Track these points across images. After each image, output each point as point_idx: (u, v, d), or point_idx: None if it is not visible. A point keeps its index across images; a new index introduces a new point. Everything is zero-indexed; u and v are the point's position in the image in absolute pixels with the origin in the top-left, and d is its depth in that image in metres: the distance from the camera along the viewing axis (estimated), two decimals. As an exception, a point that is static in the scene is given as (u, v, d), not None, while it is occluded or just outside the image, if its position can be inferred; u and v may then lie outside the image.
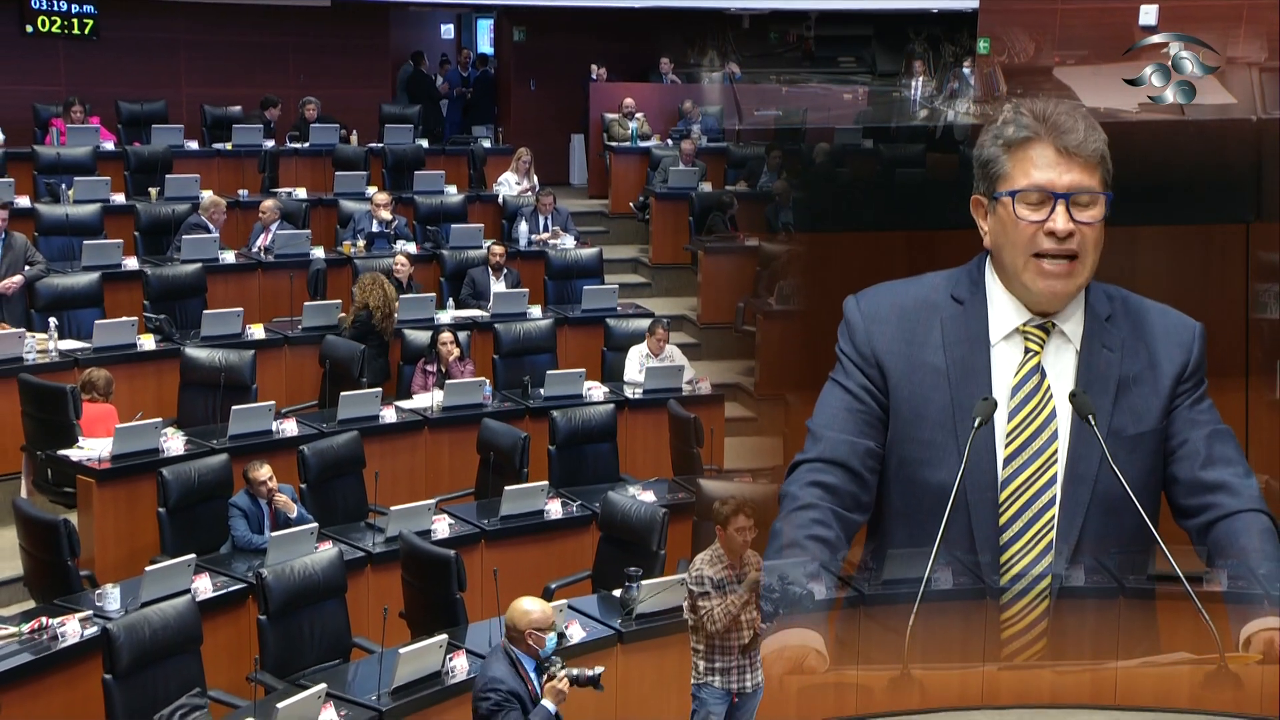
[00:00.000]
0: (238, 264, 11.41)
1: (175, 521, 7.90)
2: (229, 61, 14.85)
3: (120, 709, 6.10)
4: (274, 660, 6.79)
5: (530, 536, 8.43)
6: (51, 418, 8.64)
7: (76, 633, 6.59)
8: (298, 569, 7.04)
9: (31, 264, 10.27)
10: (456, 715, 6.57)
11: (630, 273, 13.89)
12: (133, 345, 9.78)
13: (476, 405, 9.76)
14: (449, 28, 18.49)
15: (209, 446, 8.60)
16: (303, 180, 13.32)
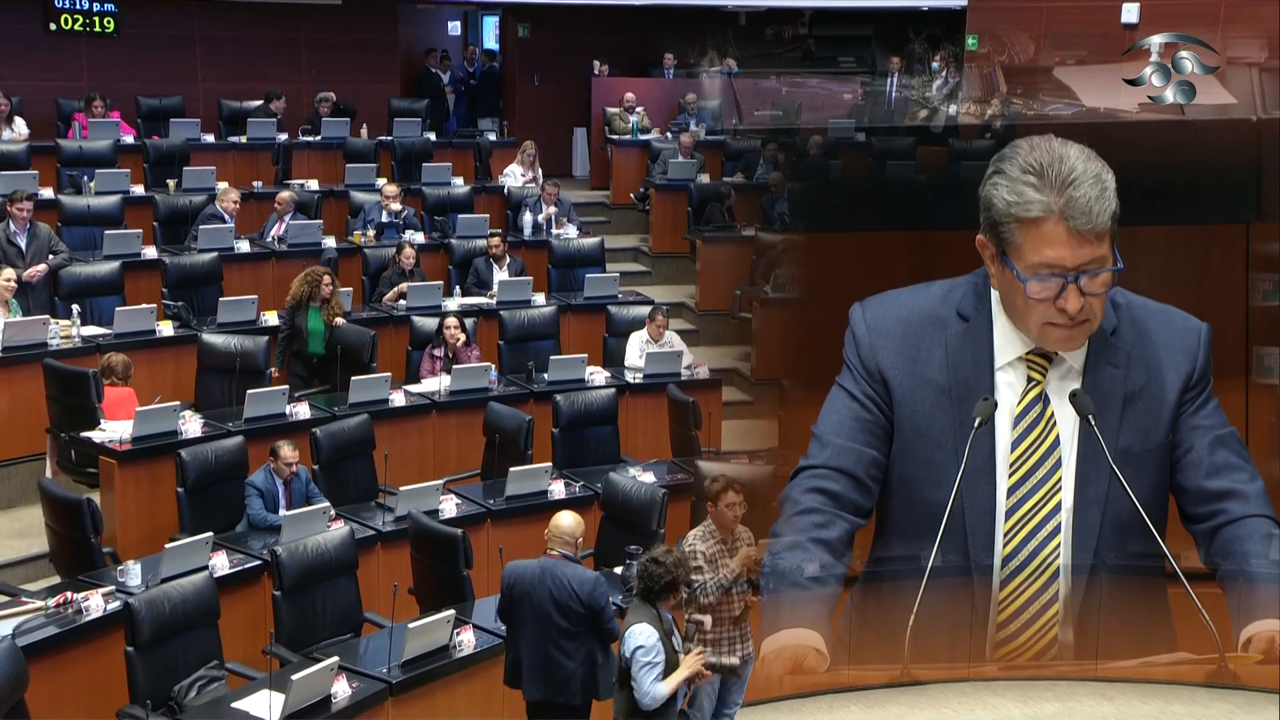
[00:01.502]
0: (252, 253, 11.42)
1: (193, 501, 7.92)
2: (243, 57, 14.84)
3: (142, 680, 6.13)
4: (288, 634, 6.82)
5: (534, 516, 8.35)
6: (75, 401, 8.65)
7: (100, 607, 6.61)
8: (311, 547, 7.07)
9: (55, 253, 10.29)
10: (464, 688, 6.63)
11: (631, 261, 13.89)
12: (152, 331, 9.80)
13: (482, 389, 9.78)
14: (456, 24, 18.46)
15: (225, 429, 8.62)
16: (315, 172, 13.31)
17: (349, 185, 12.95)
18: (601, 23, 16.24)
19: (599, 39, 16.22)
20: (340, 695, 6.04)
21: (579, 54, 16.02)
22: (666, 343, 10.68)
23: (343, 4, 14.83)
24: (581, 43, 16.11)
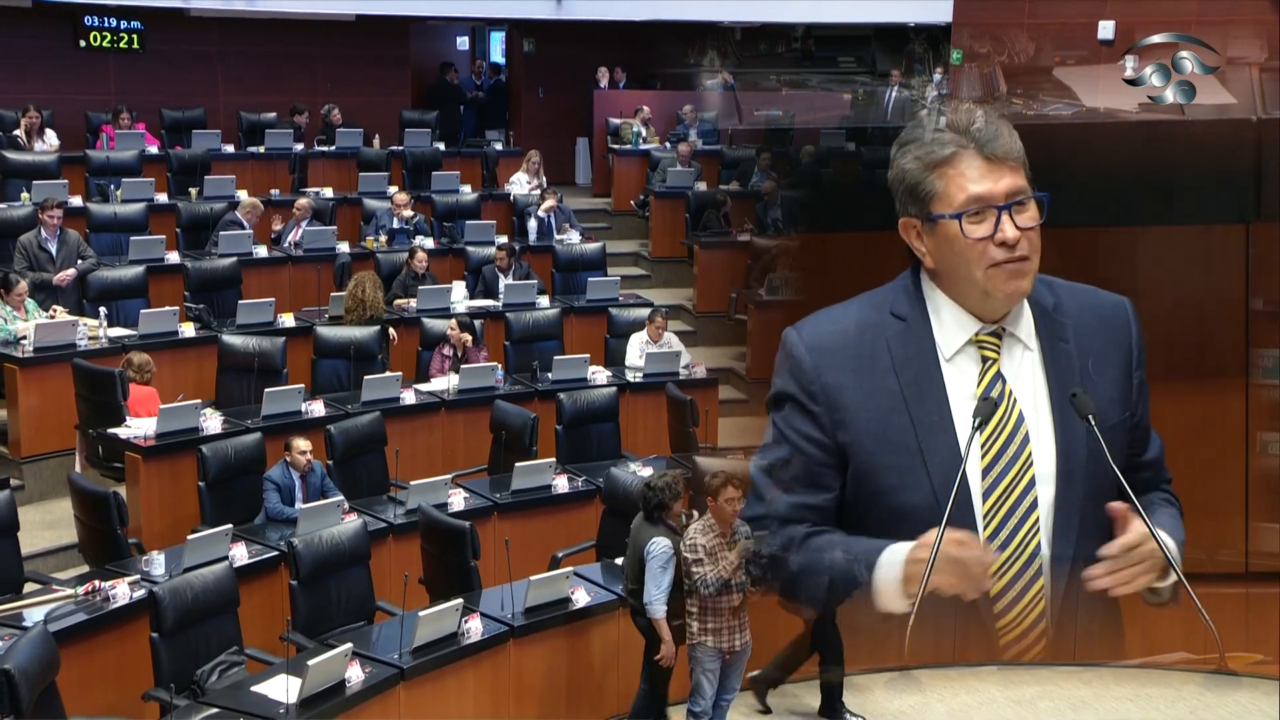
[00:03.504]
0: (270, 258, 11.45)
1: (214, 494, 7.93)
2: (262, 71, 14.86)
3: (166, 664, 6.14)
4: (304, 621, 6.83)
5: (539, 509, 8.45)
6: (102, 399, 8.67)
7: (126, 595, 6.64)
8: (325, 538, 7.08)
9: (83, 258, 10.32)
10: (472, 673, 6.63)
11: (631, 265, 13.90)
12: (174, 332, 9.81)
13: (489, 388, 9.79)
14: (464, 39, 18.47)
15: (244, 426, 8.63)
16: (329, 180, 13.34)
17: (362, 193, 12.97)
18: (602, 37, 16.24)
19: (599, 53, 16.22)
20: (354, 680, 6.05)
21: (581, 67, 16.03)
22: (665, 343, 10.69)
23: (356, 21, 14.84)
24: (583, 57, 16.11)
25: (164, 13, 13.98)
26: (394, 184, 13.32)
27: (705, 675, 6.49)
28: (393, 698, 6.24)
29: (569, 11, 15.42)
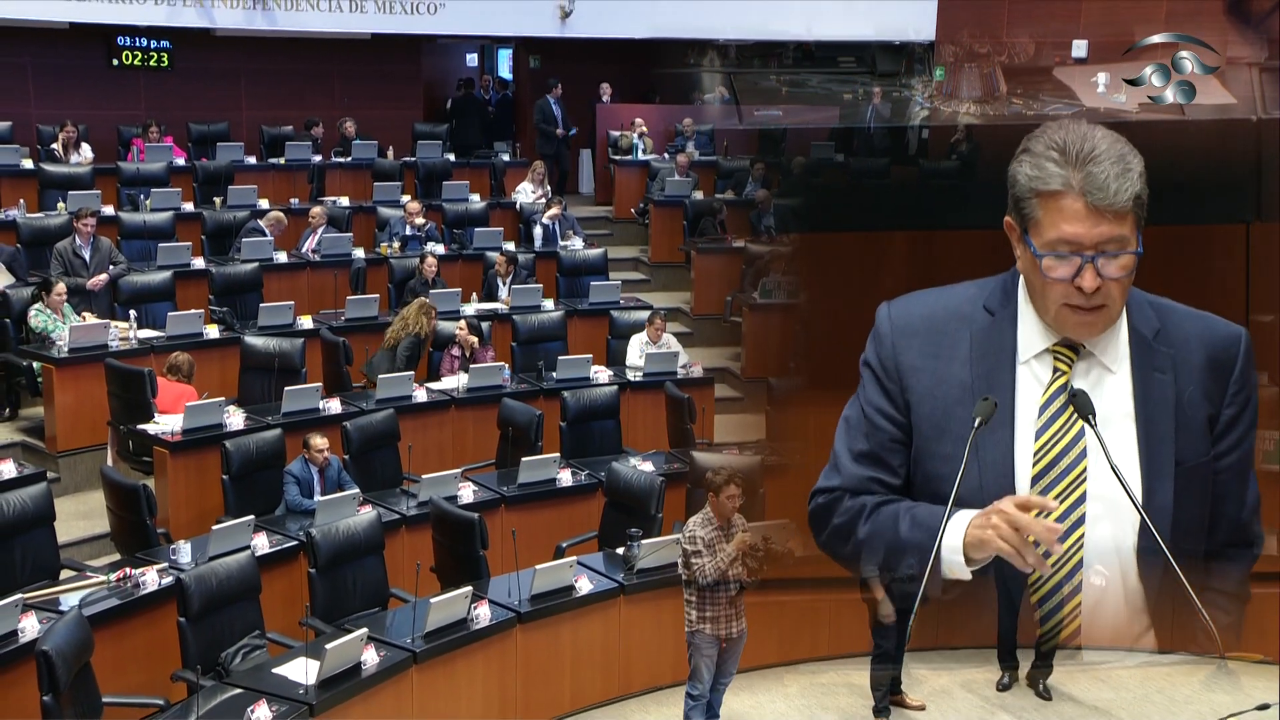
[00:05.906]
0: (289, 263, 11.47)
1: (237, 487, 7.95)
2: (283, 87, 14.87)
3: (192, 647, 6.18)
4: (322, 607, 6.86)
5: (544, 501, 8.46)
6: (132, 397, 8.69)
7: (155, 582, 6.68)
8: (342, 529, 7.11)
9: (115, 264, 10.35)
10: (481, 656, 6.66)
11: (631, 270, 13.89)
12: (199, 334, 9.85)
13: (497, 387, 9.80)
14: (473, 56, 18.48)
15: (265, 422, 8.66)
16: (345, 190, 13.35)
17: (376, 202, 13.00)
18: (604, 54, 16.25)
19: (601, 68, 16.22)
20: (369, 663, 6.09)
21: (584, 82, 16.04)
22: (664, 344, 10.70)
23: (372, 40, 14.87)
24: (586, 72, 16.12)
25: (191, 33, 13.99)
26: (407, 193, 13.35)
27: (704, 660, 6.51)
28: (406, 680, 6.27)
29: (572, 29, 15.44)
